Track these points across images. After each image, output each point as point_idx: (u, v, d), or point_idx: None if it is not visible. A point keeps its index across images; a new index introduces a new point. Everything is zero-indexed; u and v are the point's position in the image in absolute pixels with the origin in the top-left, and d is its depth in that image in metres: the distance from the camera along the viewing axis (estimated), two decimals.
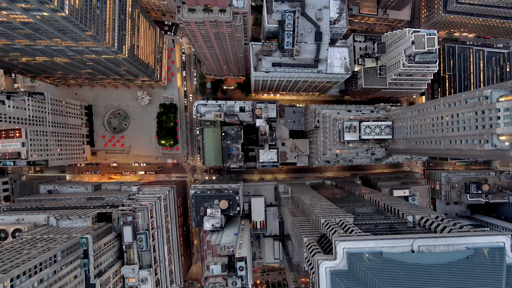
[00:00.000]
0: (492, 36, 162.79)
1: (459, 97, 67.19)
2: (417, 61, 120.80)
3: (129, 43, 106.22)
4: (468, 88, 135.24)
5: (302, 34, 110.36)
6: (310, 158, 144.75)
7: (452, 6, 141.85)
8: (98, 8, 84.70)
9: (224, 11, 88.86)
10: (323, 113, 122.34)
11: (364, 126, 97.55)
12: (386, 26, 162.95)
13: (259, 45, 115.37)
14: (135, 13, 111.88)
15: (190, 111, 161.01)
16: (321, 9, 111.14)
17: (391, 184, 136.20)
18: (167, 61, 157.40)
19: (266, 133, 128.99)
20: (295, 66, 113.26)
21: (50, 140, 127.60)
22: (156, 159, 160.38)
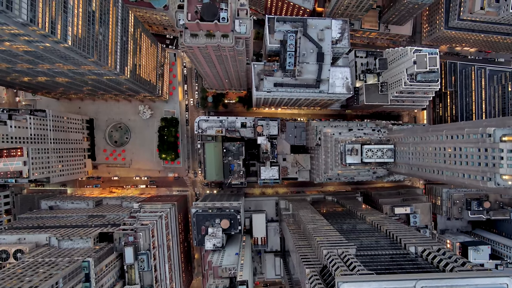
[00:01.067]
0: (494, 50, 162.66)
1: (462, 130, 67.16)
2: (419, 80, 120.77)
3: (131, 64, 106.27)
4: (470, 106, 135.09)
5: (304, 55, 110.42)
6: (311, 174, 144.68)
7: (453, 23, 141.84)
8: (101, 33, 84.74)
9: (226, 36, 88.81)
10: (324, 132, 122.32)
11: (366, 149, 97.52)
12: (387, 40, 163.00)
13: (261, 65, 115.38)
14: (137, 33, 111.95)
15: (191, 125, 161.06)
16: (323, 30, 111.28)
17: (392, 201, 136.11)
18: (168, 75, 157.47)
19: (268, 151, 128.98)
20: (296, 86, 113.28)
21: (52, 157, 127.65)
22: (159, 173, 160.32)
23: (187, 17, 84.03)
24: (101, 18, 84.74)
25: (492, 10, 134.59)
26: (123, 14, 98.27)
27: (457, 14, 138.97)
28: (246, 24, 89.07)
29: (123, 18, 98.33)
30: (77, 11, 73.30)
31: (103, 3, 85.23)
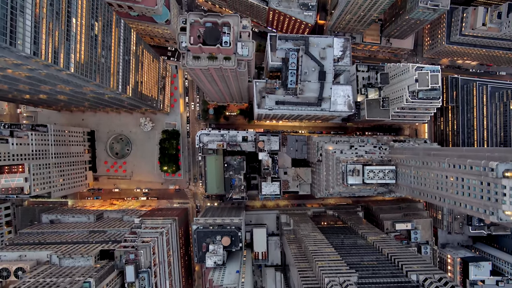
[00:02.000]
0: (495, 64, 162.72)
1: (465, 160, 67.11)
2: (420, 97, 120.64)
3: (133, 82, 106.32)
4: (471, 121, 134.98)
5: (306, 73, 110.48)
6: (313, 188, 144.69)
7: (455, 38, 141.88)
8: (103, 56, 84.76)
9: (228, 59, 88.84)
10: (326, 149, 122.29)
11: (368, 170, 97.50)
12: (389, 53, 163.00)
13: (262, 83, 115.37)
14: (139, 50, 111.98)
15: (192, 137, 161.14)
16: (325, 48, 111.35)
17: (393, 216, 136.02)
18: (169, 88, 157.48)
19: (269, 167, 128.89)
20: (298, 104, 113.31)
21: (53, 172, 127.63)
22: (162, 185, 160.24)
23: (190, 41, 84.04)
24: (104, 40, 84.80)
25: (493, 26, 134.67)
26: (125, 33, 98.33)
27: (459, 30, 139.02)
28: (248, 46, 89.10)
29: (125, 38, 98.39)
30: (80, 37, 73.32)
31: (106, 26, 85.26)
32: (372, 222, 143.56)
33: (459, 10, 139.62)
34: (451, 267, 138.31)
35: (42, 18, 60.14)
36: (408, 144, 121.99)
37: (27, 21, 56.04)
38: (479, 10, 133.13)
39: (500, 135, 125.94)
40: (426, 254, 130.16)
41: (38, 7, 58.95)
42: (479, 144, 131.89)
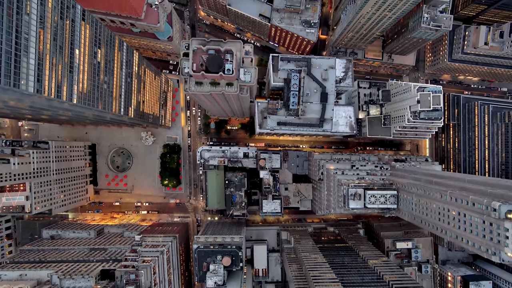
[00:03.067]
0: (497, 80, 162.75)
1: (467, 197, 67.06)
2: (422, 117, 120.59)
3: (135, 103, 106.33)
4: (473, 140, 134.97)
5: (308, 94, 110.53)
6: (313, 205, 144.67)
7: (457, 55, 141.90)
8: (106, 82, 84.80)
9: (231, 84, 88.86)
10: (327, 168, 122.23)
11: (369, 195, 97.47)
12: (390, 69, 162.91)
13: (264, 103, 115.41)
14: (141, 70, 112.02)
15: (193, 151, 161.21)
16: (327, 69, 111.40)
17: (394, 234, 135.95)
18: (171, 102, 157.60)
19: (270, 185, 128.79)
20: (300, 125, 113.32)
21: (54, 188, 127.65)
22: (164, 199, 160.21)
23: (193, 67, 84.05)
24: (106, 66, 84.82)
25: (496, 45, 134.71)
26: (127, 55, 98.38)
27: (461, 48, 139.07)
28: (251, 72, 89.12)
29: (127, 60, 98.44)
30: (83, 67, 73.36)
31: (108, 52, 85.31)
32: (373, 239, 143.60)
33: (461, 28, 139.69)
34: (452, 285, 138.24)
35: (46, 54, 60.21)
36: (409, 165, 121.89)
37: (31, 60, 56.13)
38: (481, 29, 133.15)
39: (501, 155, 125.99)
40: (426, 273, 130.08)
41: (42, 43, 58.99)
42: (481, 164, 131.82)
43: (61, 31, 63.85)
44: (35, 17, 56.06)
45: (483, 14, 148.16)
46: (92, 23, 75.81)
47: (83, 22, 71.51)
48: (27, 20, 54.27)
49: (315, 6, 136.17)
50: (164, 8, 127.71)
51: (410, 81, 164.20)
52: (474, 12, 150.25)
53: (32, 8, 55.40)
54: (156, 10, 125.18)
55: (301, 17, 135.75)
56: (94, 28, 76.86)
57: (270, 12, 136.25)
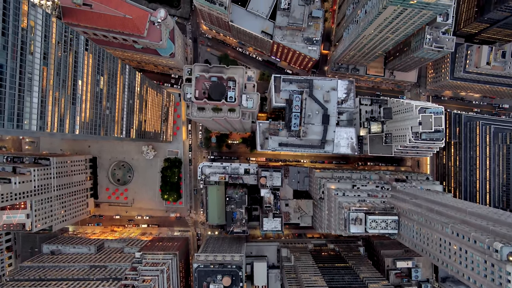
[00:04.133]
0: (499, 96, 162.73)
1: (468, 234, 67.04)
2: (423, 138, 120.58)
3: (136, 123, 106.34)
4: (474, 159, 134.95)
5: (310, 116, 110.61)
6: (314, 221, 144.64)
7: (459, 74, 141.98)
8: (108, 108, 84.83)
9: (233, 110, 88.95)
10: (328, 187, 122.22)
11: (371, 220, 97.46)
12: (392, 84, 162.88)
13: (266, 124, 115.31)
14: (143, 90, 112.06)
15: (194, 165, 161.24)
16: (329, 91, 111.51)
17: (395, 253, 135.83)
18: (172, 116, 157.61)
19: (271, 204, 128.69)
20: (301, 146, 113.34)
21: (55, 205, 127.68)
22: (166, 213, 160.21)
23: (195, 94, 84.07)
24: (109, 92, 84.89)
25: (498, 65, 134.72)
26: (130, 77, 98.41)
27: (463, 67, 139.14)
28: (253, 98, 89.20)
29: (130, 82, 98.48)
30: (85, 96, 73.41)
31: (111, 78, 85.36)
32: (373, 257, 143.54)
33: (463, 47, 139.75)
34: None
35: (49, 90, 60.26)
36: (410, 185, 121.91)
37: (34, 98, 56.18)
38: (484, 49, 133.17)
39: (503, 177, 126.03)
40: None
41: (45, 80, 59.04)
42: (482, 183, 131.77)
43: (65, 64, 63.92)
44: (39, 55, 56.17)
45: (485, 32, 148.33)
46: (95, 51, 75.91)
47: (86, 52, 71.60)
48: (31, 59, 54.36)
49: (317, 24, 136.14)
50: (167, 25, 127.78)
51: (412, 97, 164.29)
52: (476, 30, 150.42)
53: (36, 46, 55.47)
54: (158, 28, 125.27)
55: (303, 34, 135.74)
56: (97, 56, 76.95)
57: (273, 29, 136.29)
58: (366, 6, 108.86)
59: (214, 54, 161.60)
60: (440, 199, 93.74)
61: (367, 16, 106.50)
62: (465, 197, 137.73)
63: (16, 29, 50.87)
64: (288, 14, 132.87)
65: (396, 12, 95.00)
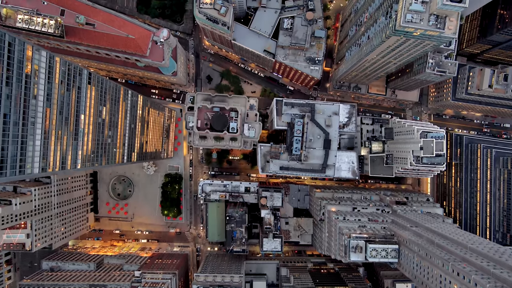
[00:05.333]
0: (500, 116, 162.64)
1: (469, 275, 67.02)
2: (424, 162, 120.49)
3: (138, 146, 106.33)
4: (475, 182, 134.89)
5: (311, 140, 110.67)
6: (314, 241, 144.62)
7: (461, 95, 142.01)
8: (110, 136, 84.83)
9: (235, 140, 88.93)
10: (328, 210, 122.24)
11: (371, 248, 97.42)
12: (394, 102, 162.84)
13: (267, 147, 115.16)
14: (146, 112, 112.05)
15: (195, 180, 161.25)
16: (331, 116, 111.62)
17: (394, 274, 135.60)
18: (174, 131, 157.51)
19: (271, 225, 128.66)
20: (302, 170, 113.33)
21: (55, 223, 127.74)
22: (168, 227, 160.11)
23: (197, 124, 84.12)
24: (111, 120, 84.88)
25: (500, 88, 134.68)
26: (132, 102, 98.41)
27: (465, 88, 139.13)
28: (255, 128, 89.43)
29: (132, 106, 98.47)
30: (88, 129, 73.42)
31: (113, 106, 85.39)
32: (372, 277, 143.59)
33: (465, 68, 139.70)
34: None
35: (52, 130, 60.27)
36: (410, 209, 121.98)
37: (37, 141, 56.17)
38: (486, 72, 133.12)
39: (503, 201, 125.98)
40: None
41: (48, 121, 59.05)
42: (482, 207, 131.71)
43: (67, 101, 63.98)
44: (42, 97, 56.21)
45: (488, 52, 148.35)
46: (98, 83, 75.97)
47: (89, 86, 71.65)
48: (34, 103, 54.40)
49: (320, 43, 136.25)
50: (169, 44, 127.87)
51: (413, 114, 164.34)
52: (478, 50, 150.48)
53: (40, 89, 55.52)
54: (161, 48, 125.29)
55: (306, 54, 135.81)
56: (100, 87, 76.99)
57: (275, 48, 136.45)
58: (369, 31, 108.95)
59: (216, 70, 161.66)
60: (441, 229, 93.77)
61: (370, 42, 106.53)
62: (465, 219, 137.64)
63: (20, 76, 50.91)
64: (291, 34, 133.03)
65: (399, 42, 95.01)
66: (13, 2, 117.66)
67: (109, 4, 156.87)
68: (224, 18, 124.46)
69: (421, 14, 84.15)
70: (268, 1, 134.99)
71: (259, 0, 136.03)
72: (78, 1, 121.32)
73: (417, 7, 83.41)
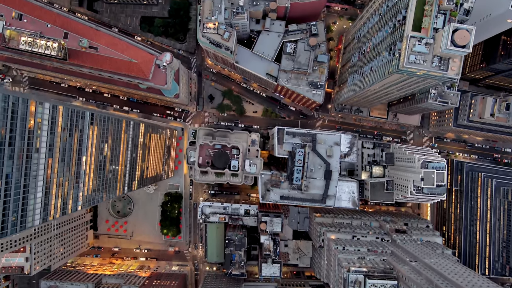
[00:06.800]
0: (501, 141, 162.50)
1: None
2: (425, 192, 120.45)
3: (139, 174, 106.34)
4: (475, 210, 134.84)
5: (312, 170, 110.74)
6: (313, 264, 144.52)
7: (462, 122, 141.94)
8: (111, 171, 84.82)
9: (236, 175, 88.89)
10: (328, 237, 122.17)
11: (370, 284, 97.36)
12: (395, 125, 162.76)
13: (268, 175, 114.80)
14: (147, 138, 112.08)
15: (195, 199, 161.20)
16: (332, 146, 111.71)
17: None
18: (175, 150, 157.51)
19: (270, 251, 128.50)
20: (303, 200, 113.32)
21: (54, 244, 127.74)
22: (167, 247, 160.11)
23: (199, 161, 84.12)
24: (112, 155, 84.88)
25: (502, 116, 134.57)
26: (134, 132, 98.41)
27: (467, 116, 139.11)
28: (256, 164, 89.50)
29: (133, 136, 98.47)
30: (89, 169, 73.40)
31: (115, 140, 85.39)
32: None
33: (467, 95, 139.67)
34: None
35: (53, 179, 60.29)
36: (410, 238, 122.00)
37: (38, 194, 56.19)
38: (488, 101, 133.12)
39: (503, 232, 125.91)
40: None
41: (49, 170, 59.07)
42: (482, 236, 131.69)
43: (69, 147, 64.00)
44: (44, 149, 56.27)
45: (490, 78, 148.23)
46: (100, 122, 76.00)
47: (91, 126, 71.70)
48: (36, 157, 54.45)
49: (322, 68, 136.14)
50: (172, 67, 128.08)
51: (415, 137, 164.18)
52: (481, 76, 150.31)
53: (42, 142, 55.59)
54: (164, 72, 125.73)
55: (308, 78, 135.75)
56: (102, 125, 77.02)
57: (277, 71, 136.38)
58: (372, 63, 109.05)
59: (218, 89, 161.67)
60: (440, 266, 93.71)
61: (373, 74, 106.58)
62: (464, 246, 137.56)
63: (23, 133, 51.01)
64: (294, 58, 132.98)
65: (402, 78, 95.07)
66: (17, 25, 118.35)
67: (113, 22, 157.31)
68: (227, 43, 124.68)
69: (424, 55, 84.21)
70: (272, 25, 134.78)
71: (262, 24, 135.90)
72: (82, 24, 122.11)
73: (420, 48, 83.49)
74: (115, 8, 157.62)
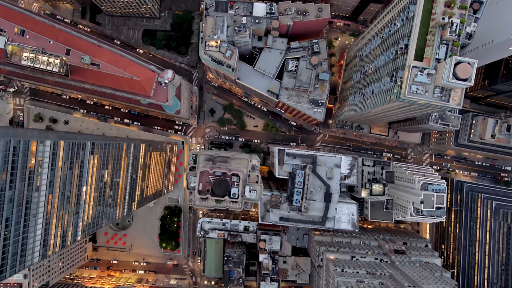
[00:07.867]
0: (501, 159, 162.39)
1: None
2: (424, 214, 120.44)
3: (139, 195, 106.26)
4: (474, 230, 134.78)
5: (312, 192, 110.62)
6: (311, 281, 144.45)
7: (463, 142, 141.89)
8: (111, 196, 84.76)
9: (235, 202, 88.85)
10: (327, 257, 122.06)
11: None
12: (396, 141, 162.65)
13: (267, 196, 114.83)
14: (147, 157, 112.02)
15: (194, 212, 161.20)
16: (332, 168, 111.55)
17: None
18: (175, 165, 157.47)
19: (269, 270, 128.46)
20: (302, 222, 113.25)
21: (53, 259, 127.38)
22: (166, 260, 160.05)
23: (199, 187, 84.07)
24: (112, 180, 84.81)
25: (502, 137, 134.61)
26: (134, 153, 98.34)
27: (467, 136, 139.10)
28: (256, 190, 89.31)
29: (134, 157, 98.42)
30: (89, 198, 73.35)
31: (115, 165, 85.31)
32: None
33: (468, 115, 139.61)
34: None
35: (53, 214, 60.24)
36: (409, 259, 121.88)
37: (38, 231, 56.17)
38: (489, 122, 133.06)
39: (502, 255, 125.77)
40: None
41: (49, 206, 59.02)
42: (481, 257, 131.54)
43: (70, 180, 63.95)
44: (45, 187, 56.24)
45: (492, 98, 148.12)
46: (101, 149, 75.96)
47: (91, 156, 71.65)
48: (36, 196, 54.44)
49: (323, 86, 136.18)
50: (174, 84, 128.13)
51: (415, 154, 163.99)
52: (482, 95, 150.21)
53: (42, 179, 55.57)
54: (165, 89, 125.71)
55: (309, 95, 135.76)
56: (102, 153, 76.98)
57: (279, 88, 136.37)
58: (373, 85, 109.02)
59: (219, 103, 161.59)
60: None
61: (374, 98, 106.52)
62: (463, 266, 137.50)
63: (23, 175, 51.01)
64: (295, 76, 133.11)
65: (403, 105, 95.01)
66: (19, 40, 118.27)
67: (115, 34, 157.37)
68: (229, 61, 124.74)
69: (426, 85, 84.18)
70: (274, 42, 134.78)
71: (264, 41, 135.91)
72: (84, 40, 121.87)
73: (422, 79, 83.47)
74: (117, 20, 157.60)
